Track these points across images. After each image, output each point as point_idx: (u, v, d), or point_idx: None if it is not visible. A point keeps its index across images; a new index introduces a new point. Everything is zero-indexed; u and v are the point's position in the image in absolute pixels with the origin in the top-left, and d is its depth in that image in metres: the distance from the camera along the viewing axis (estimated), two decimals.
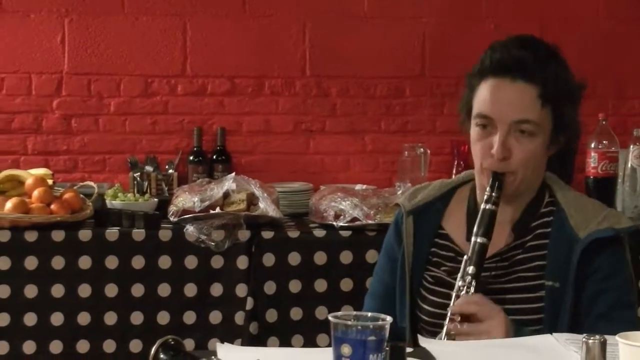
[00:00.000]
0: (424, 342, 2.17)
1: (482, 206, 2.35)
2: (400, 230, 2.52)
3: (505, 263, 2.39)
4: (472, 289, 2.29)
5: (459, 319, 2.27)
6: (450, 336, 2.28)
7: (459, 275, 2.32)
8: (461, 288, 2.30)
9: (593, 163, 3.94)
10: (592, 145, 3.96)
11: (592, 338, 1.86)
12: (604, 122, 3.99)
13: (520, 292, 2.35)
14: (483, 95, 2.35)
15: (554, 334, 2.15)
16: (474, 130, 2.39)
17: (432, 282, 2.45)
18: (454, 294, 2.31)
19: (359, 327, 1.76)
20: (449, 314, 2.29)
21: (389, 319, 1.79)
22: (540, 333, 2.25)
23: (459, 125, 2.49)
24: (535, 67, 2.32)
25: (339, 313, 1.82)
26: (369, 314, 1.82)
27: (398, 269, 2.50)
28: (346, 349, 1.76)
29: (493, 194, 2.34)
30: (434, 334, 2.35)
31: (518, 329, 2.25)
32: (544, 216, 2.43)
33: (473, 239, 2.33)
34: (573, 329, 2.29)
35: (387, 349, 1.76)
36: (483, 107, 2.35)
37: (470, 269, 2.30)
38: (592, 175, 3.95)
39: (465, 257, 2.34)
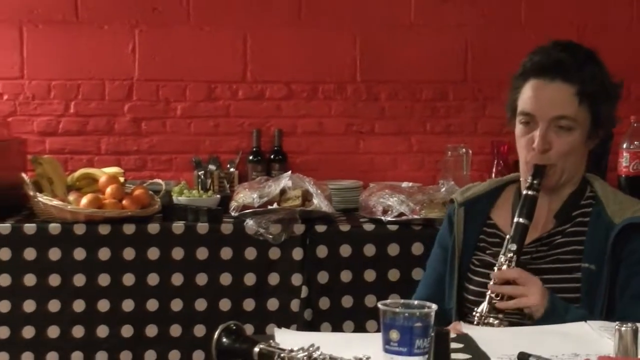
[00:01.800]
0: (466, 328, 2.17)
1: (524, 192, 2.39)
2: (452, 220, 2.56)
3: (545, 247, 2.42)
4: (513, 264, 2.32)
5: (498, 298, 2.31)
6: (491, 307, 2.31)
7: (501, 252, 2.36)
8: (503, 263, 2.33)
9: (625, 163, 3.91)
10: (624, 146, 3.93)
11: (624, 325, 1.84)
12: (635, 125, 3.95)
13: (557, 273, 2.37)
14: (526, 94, 2.40)
15: (588, 321, 2.14)
16: (518, 127, 2.43)
17: (478, 265, 2.48)
18: (495, 268, 2.35)
19: (407, 314, 1.76)
20: (488, 293, 2.32)
21: (434, 306, 1.79)
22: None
23: (506, 123, 2.53)
24: (572, 68, 2.36)
25: (388, 301, 1.82)
26: (416, 302, 1.83)
27: (449, 254, 2.54)
28: (394, 334, 1.76)
29: (534, 181, 2.38)
30: None
31: (554, 297, 2.28)
32: (584, 207, 2.45)
33: (515, 219, 2.37)
34: (608, 310, 2.32)
35: (433, 334, 1.75)
36: (525, 105, 2.39)
37: (512, 246, 2.34)
38: (624, 174, 3.92)
39: (507, 236, 2.37)
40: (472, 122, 4.49)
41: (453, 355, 1.81)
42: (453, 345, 1.85)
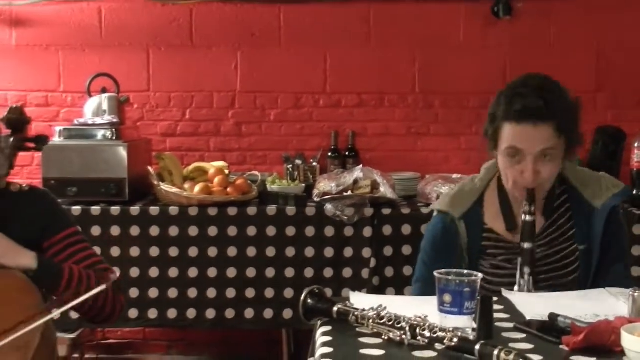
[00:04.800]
0: (506, 293, 2.15)
1: (522, 218, 2.26)
2: (452, 232, 2.41)
3: (544, 240, 2.33)
4: (531, 284, 2.21)
5: None
6: None
7: (517, 274, 2.23)
8: (522, 284, 2.21)
9: (637, 158, 3.84)
10: (636, 145, 3.87)
11: (638, 291, 1.82)
12: None
13: (560, 261, 2.32)
14: (512, 134, 2.27)
15: (607, 288, 2.11)
16: (505, 159, 2.30)
17: (488, 267, 2.36)
18: (516, 287, 2.20)
19: (457, 281, 1.76)
20: None
21: (480, 275, 1.79)
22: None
23: (486, 147, 2.41)
24: (549, 111, 2.22)
25: (442, 270, 1.82)
26: (465, 271, 1.82)
27: (454, 261, 2.36)
28: (447, 298, 1.76)
29: (530, 207, 2.25)
30: None
31: None
32: (560, 196, 2.37)
33: (521, 245, 2.24)
34: (594, 281, 2.28)
35: (479, 298, 1.75)
36: (514, 142, 2.26)
37: (527, 269, 2.22)
38: (636, 168, 3.84)
39: (519, 260, 2.24)
40: None
41: (495, 315, 1.81)
42: (495, 307, 1.85)
